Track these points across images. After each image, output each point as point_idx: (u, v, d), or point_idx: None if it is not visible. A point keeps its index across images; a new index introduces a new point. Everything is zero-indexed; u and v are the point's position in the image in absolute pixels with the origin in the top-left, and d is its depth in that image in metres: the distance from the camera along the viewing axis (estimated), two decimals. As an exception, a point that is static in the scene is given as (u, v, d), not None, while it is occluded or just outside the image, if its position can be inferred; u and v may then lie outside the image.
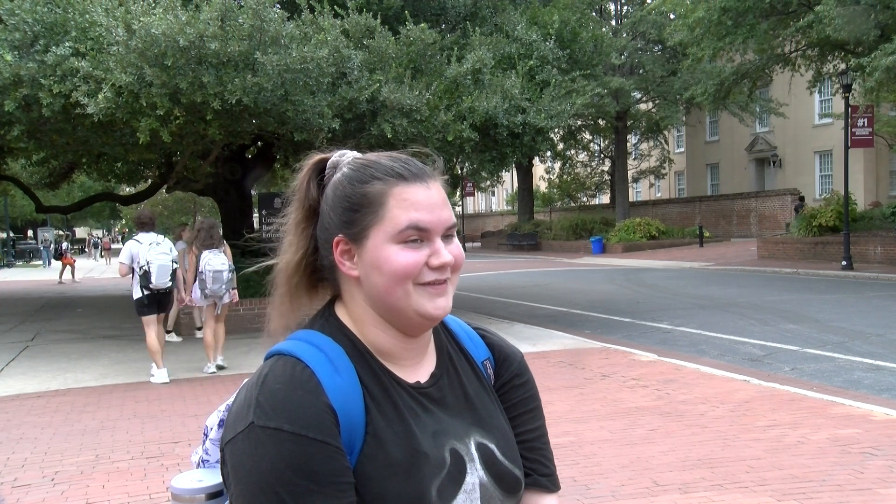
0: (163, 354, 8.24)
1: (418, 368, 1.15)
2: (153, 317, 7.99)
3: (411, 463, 1.04)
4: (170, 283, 8.01)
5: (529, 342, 9.90)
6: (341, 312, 1.14)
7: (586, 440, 5.51)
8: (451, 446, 1.09)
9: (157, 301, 8.00)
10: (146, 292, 7.85)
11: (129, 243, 8.02)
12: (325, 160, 1.17)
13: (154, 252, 7.77)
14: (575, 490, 4.43)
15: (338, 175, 1.13)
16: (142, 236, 7.94)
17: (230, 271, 8.33)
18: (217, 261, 8.13)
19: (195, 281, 8.39)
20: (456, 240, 1.12)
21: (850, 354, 8.68)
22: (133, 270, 7.91)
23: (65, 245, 29.47)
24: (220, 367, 8.60)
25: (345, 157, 1.15)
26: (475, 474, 1.10)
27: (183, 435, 5.95)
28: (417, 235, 1.06)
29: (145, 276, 7.79)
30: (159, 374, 8.16)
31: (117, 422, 6.50)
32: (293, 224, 1.17)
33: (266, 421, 0.98)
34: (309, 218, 1.16)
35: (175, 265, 8.06)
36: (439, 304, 1.07)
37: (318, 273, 1.17)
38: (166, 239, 8.21)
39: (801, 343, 9.52)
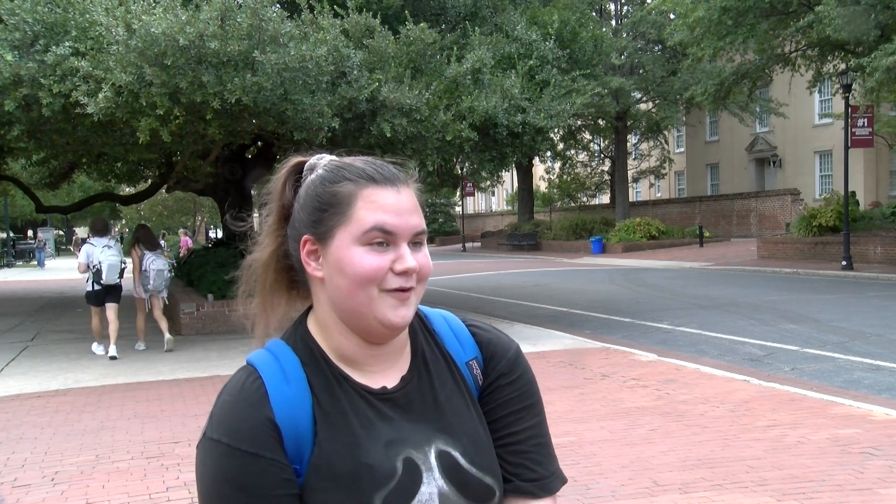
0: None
1: (388, 373, 1.13)
2: (100, 308, 9.74)
3: (353, 475, 1.04)
4: (118, 280, 9.67)
5: (529, 342, 9.90)
6: (311, 319, 1.14)
7: (586, 440, 5.51)
8: (406, 455, 1.07)
9: (107, 293, 9.66)
10: (97, 287, 9.57)
11: (85, 246, 9.60)
12: (302, 163, 1.17)
13: (106, 254, 9.42)
14: (575, 490, 4.43)
15: (312, 176, 1.13)
16: (96, 240, 9.57)
17: (169, 271, 10.32)
18: (160, 262, 9.95)
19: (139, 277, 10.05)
20: (425, 249, 1.11)
21: (850, 354, 8.67)
22: (88, 268, 9.60)
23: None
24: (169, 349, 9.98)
25: (322, 160, 1.15)
26: (433, 484, 1.08)
27: (183, 435, 5.95)
28: (383, 238, 1.05)
29: (97, 274, 9.49)
30: (97, 349, 9.93)
31: (117, 422, 6.50)
32: (268, 226, 1.17)
33: (212, 433, 1.03)
34: (283, 220, 1.16)
35: (124, 265, 9.80)
36: (400, 314, 1.06)
37: (292, 273, 1.18)
38: (117, 243, 9.91)
39: (801, 343, 9.52)
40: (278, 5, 9.48)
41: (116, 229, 53.85)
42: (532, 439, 1.18)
